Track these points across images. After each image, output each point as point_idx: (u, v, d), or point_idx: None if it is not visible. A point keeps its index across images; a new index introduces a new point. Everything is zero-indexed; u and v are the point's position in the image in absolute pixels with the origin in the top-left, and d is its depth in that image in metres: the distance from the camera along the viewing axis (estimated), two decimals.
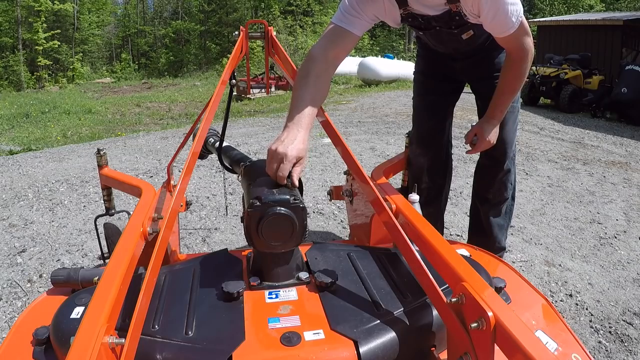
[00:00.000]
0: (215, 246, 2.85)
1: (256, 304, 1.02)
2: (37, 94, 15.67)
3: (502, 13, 1.40)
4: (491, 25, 1.47)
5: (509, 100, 1.70)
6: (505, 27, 1.44)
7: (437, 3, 1.50)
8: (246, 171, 1.46)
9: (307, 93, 1.31)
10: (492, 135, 1.73)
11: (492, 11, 1.40)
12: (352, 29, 1.48)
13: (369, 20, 1.53)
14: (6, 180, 4.25)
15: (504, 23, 1.43)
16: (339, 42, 1.48)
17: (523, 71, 1.60)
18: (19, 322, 1.05)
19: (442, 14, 1.55)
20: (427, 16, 1.57)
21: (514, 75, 1.62)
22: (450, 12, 1.51)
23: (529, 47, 1.54)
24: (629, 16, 10.63)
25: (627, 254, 2.81)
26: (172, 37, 29.49)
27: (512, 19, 1.41)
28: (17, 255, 2.74)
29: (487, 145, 1.75)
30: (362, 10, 1.48)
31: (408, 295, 1.03)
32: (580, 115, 8.26)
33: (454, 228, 3.09)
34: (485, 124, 1.74)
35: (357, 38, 1.52)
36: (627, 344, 1.96)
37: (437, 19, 1.58)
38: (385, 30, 25.59)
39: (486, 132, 1.73)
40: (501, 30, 1.46)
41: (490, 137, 1.73)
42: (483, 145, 1.75)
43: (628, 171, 4.70)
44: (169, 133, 6.73)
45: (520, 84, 1.67)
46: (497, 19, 1.42)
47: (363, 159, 4.87)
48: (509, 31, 1.45)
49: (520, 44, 1.52)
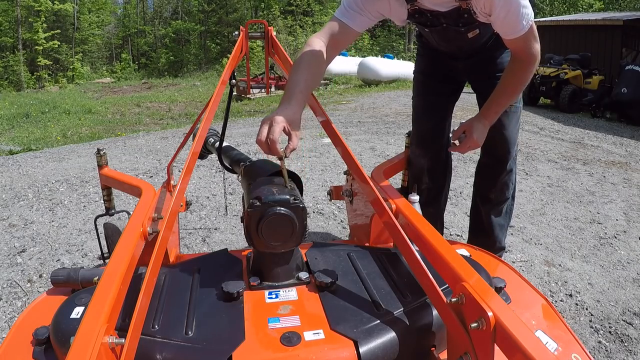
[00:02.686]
0: (215, 246, 2.85)
1: (256, 304, 1.02)
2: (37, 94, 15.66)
3: (513, 14, 1.39)
4: (501, 26, 1.46)
5: (506, 103, 1.64)
6: (515, 28, 1.43)
7: (447, 0, 1.50)
8: (246, 171, 1.47)
9: (300, 76, 1.35)
10: (480, 135, 1.62)
11: (504, 11, 1.39)
12: (352, 24, 1.50)
13: (371, 18, 1.54)
14: (6, 180, 4.25)
15: (514, 25, 1.42)
16: (338, 35, 1.50)
17: (526, 76, 1.57)
18: (19, 322, 1.05)
19: (451, 11, 1.54)
20: (435, 12, 1.57)
21: (517, 79, 1.58)
22: (460, 9, 1.51)
23: (535, 52, 1.51)
24: (629, 16, 10.62)
25: (627, 254, 2.81)
26: (172, 37, 29.48)
27: (522, 21, 1.40)
28: (17, 255, 2.74)
29: (474, 145, 1.64)
30: (365, 6, 1.49)
31: (408, 295, 1.03)
32: (580, 115, 8.26)
33: (454, 228, 3.09)
34: (476, 122, 1.63)
35: (356, 34, 1.54)
36: (627, 344, 1.96)
37: (445, 16, 1.58)
38: (385, 30, 25.58)
39: (475, 131, 1.61)
40: (511, 31, 1.45)
41: (478, 137, 1.62)
42: (469, 144, 1.63)
43: (628, 171, 4.70)
44: (169, 133, 6.73)
45: (521, 89, 1.64)
46: (508, 20, 1.41)
47: (363, 159, 4.87)
48: (518, 33, 1.44)
49: (528, 47, 1.49)
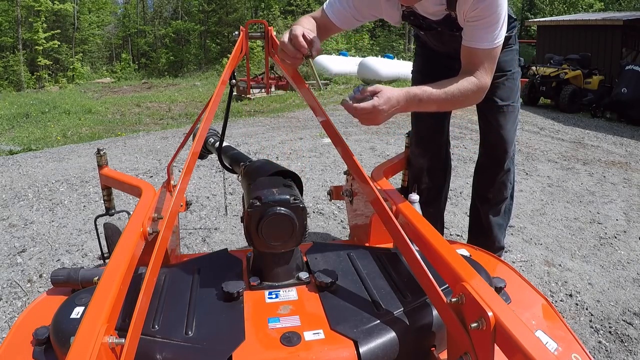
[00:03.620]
0: (215, 246, 2.85)
1: (256, 304, 1.02)
2: (37, 94, 15.64)
3: (487, 23, 1.34)
4: (467, 28, 1.39)
5: (432, 108, 1.37)
6: (479, 38, 1.36)
7: (437, 10, 1.50)
8: (246, 171, 1.47)
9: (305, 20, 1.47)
10: (383, 114, 1.25)
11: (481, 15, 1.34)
12: (335, 20, 1.52)
13: (360, 18, 1.55)
14: (6, 180, 4.25)
15: (481, 33, 1.36)
16: (321, 26, 1.52)
17: (466, 99, 1.37)
18: (19, 322, 1.05)
19: (443, 19, 1.55)
20: (428, 19, 1.57)
21: (456, 97, 1.35)
22: (450, 16, 1.51)
23: (483, 81, 1.38)
24: (629, 16, 10.62)
25: (627, 254, 2.81)
26: (172, 37, 29.47)
27: (490, 36, 1.35)
28: (17, 255, 2.74)
29: (371, 113, 1.23)
30: (355, 6, 1.48)
31: (408, 295, 1.03)
32: (580, 115, 8.26)
33: (454, 228, 3.09)
34: (395, 94, 1.27)
35: (337, 30, 1.55)
36: (627, 344, 1.96)
37: (438, 23, 1.58)
38: (385, 30, 25.58)
39: (387, 101, 1.24)
40: (472, 38, 1.38)
41: (381, 114, 1.24)
42: (367, 109, 1.22)
43: (628, 171, 4.70)
44: (169, 133, 6.73)
45: (456, 106, 1.42)
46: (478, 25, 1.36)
47: (363, 159, 4.87)
48: (478, 44, 1.37)
49: (478, 66, 1.37)
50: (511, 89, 1.89)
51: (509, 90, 1.88)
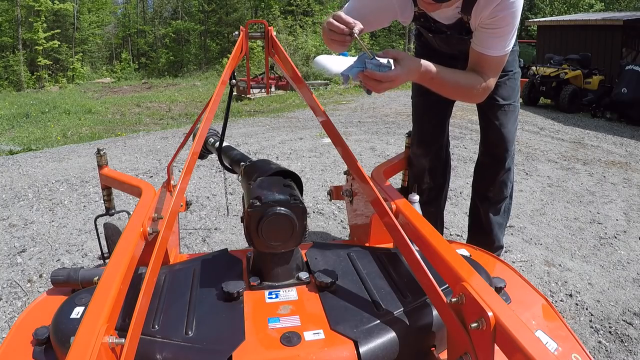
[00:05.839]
0: (215, 246, 2.85)
1: (256, 304, 1.02)
2: (37, 94, 15.66)
3: (501, 33, 1.36)
4: (481, 34, 1.42)
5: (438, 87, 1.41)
6: (491, 45, 1.40)
7: (452, 15, 1.50)
8: (246, 171, 1.47)
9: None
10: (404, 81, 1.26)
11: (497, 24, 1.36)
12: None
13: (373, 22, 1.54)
14: (6, 180, 4.25)
15: (494, 42, 1.39)
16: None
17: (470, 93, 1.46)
18: (19, 322, 1.05)
19: (454, 23, 1.55)
20: (440, 22, 1.57)
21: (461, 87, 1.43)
22: (462, 20, 1.51)
23: (489, 83, 1.44)
24: (629, 16, 10.61)
25: (627, 254, 2.81)
26: (172, 37, 29.46)
27: (502, 45, 1.38)
28: (17, 255, 2.74)
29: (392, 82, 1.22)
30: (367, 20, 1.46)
31: (408, 295, 1.03)
32: (580, 115, 8.26)
33: (454, 228, 3.09)
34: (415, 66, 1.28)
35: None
36: (627, 344, 1.96)
37: (448, 27, 1.58)
38: (385, 30, 25.56)
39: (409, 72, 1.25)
40: (484, 45, 1.41)
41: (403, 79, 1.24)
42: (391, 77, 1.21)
43: (628, 171, 4.70)
44: (169, 133, 6.73)
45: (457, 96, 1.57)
46: (492, 34, 1.38)
47: (363, 159, 4.87)
48: (489, 51, 1.40)
49: (486, 70, 1.43)
50: (512, 88, 1.91)
51: (510, 89, 1.89)
